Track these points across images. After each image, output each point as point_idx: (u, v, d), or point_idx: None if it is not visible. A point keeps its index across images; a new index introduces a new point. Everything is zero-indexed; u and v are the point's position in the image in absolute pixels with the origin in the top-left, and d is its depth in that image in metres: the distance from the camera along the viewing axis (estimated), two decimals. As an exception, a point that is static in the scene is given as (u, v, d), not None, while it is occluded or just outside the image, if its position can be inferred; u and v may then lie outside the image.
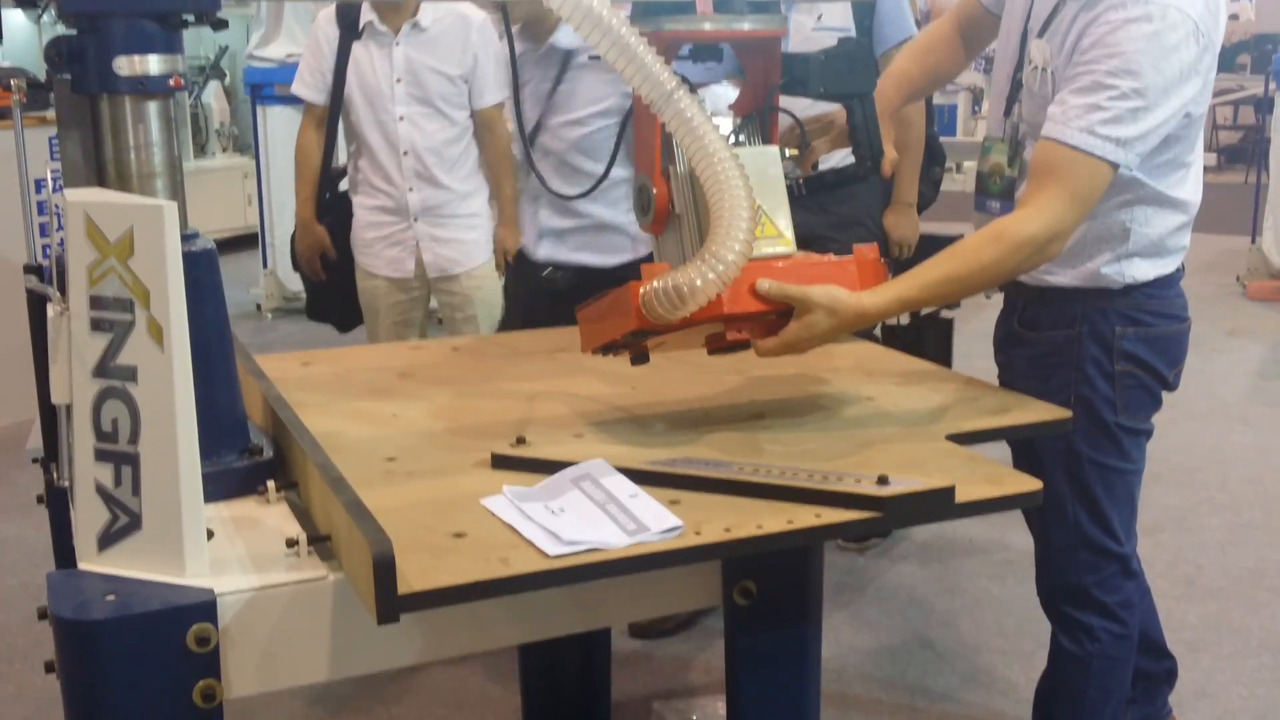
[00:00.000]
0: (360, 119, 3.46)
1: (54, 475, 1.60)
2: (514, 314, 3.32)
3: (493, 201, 3.63)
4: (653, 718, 2.91)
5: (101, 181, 1.63)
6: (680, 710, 2.93)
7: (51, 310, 1.43)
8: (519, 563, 1.35)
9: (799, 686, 1.70)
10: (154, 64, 1.56)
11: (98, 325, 1.39)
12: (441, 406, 1.95)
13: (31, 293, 1.68)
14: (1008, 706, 2.92)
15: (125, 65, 1.55)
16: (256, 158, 6.98)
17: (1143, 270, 2.07)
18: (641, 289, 1.64)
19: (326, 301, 3.79)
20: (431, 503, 1.53)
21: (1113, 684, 2.21)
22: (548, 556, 1.36)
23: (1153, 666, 2.44)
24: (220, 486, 1.59)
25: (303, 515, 1.56)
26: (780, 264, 1.76)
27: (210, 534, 1.47)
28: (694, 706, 2.95)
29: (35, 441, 1.95)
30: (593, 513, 1.47)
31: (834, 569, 3.64)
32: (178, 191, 1.64)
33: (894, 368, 2.17)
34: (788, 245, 1.79)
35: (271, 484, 1.61)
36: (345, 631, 1.42)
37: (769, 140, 1.86)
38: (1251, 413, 5.15)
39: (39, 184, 4.25)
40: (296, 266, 3.74)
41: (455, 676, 3.03)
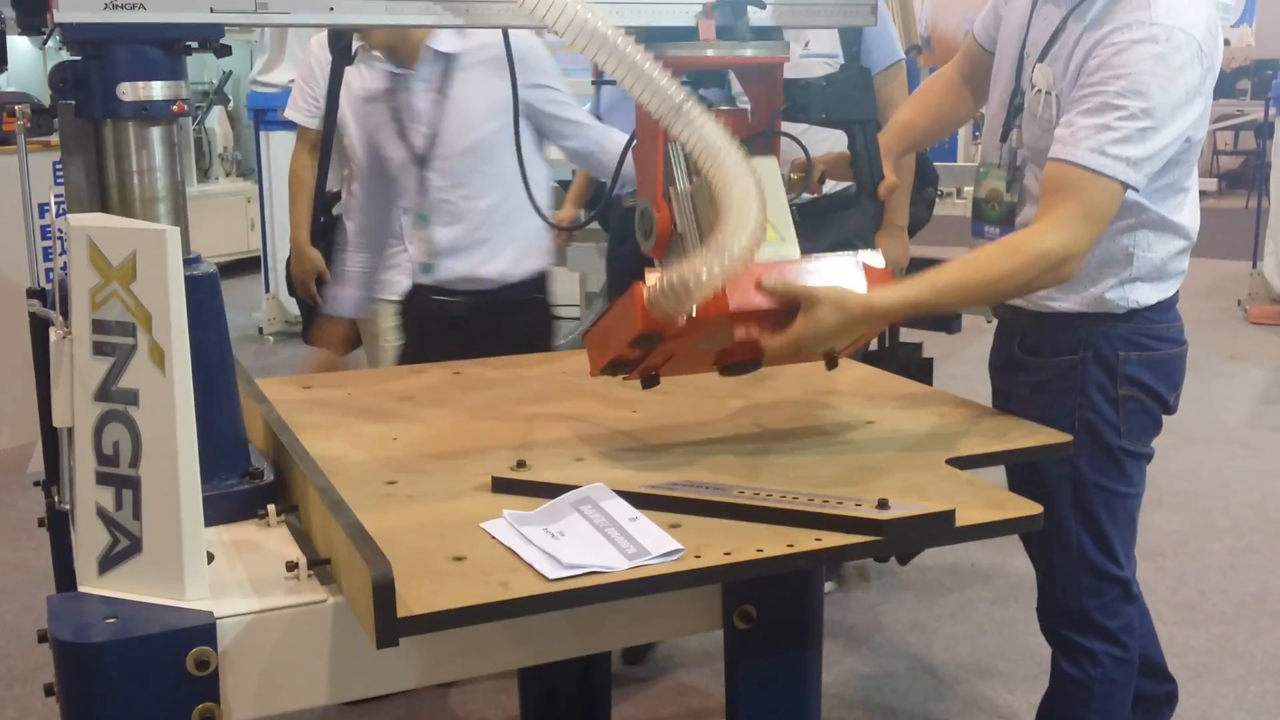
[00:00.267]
0: (353, 143, 3.46)
1: (55, 498, 1.60)
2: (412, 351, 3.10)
3: None
4: (653, 743, 2.91)
5: (105, 206, 1.64)
6: (681, 735, 2.93)
7: (54, 334, 1.44)
8: (519, 586, 1.35)
9: (800, 711, 1.69)
10: (157, 90, 1.58)
11: (100, 349, 1.39)
12: (442, 430, 1.96)
13: (34, 316, 1.68)
14: (1010, 732, 2.92)
15: (129, 91, 1.56)
16: (260, 182, 7.02)
17: (1145, 295, 2.08)
18: (646, 285, 1.62)
19: None
20: (432, 526, 1.53)
21: (1114, 708, 2.20)
22: (547, 580, 1.36)
23: (1153, 690, 2.43)
24: (221, 510, 1.59)
25: (303, 539, 1.56)
26: (787, 265, 1.74)
27: (210, 557, 1.47)
28: (695, 732, 2.95)
29: (37, 465, 1.95)
30: (593, 536, 1.47)
31: (835, 593, 3.63)
32: (180, 216, 1.65)
33: (895, 391, 2.17)
34: (792, 247, 1.78)
35: (272, 507, 1.61)
36: (345, 655, 1.42)
37: None
38: (1253, 437, 5.15)
39: (43, 208, 4.27)
40: (292, 291, 3.74)
41: (455, 700, 3.02)
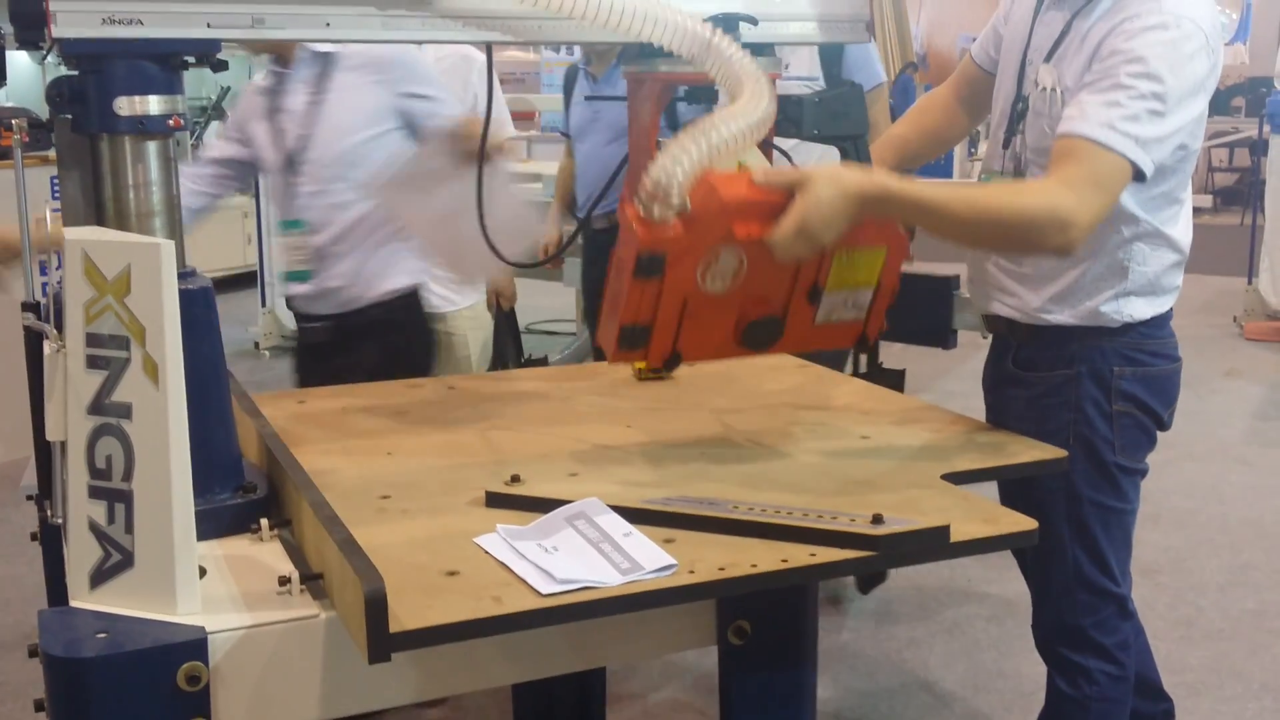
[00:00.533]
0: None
1: (48, 512, 1.60)
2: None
3: None
4: (649, 760, 2.89)
5: (100, 220, 1.64)
6: (676, 752, 2.92)
7: (48, 347, 1.43)
8: (512, 601, 1.35)
9: (794, 728, 1.69)
10: (154, 104, 1.58)
11: (94, 362, 1.39)
12: (436, 444, 1.95)
13: (29, 330, 1.68)
14: (1006, 749, 2.91)
15: (125, 105, 1.56)
16: (256, 197, 7.02)
17: (1140, 309, 2.08)
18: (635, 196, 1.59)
19: None
20: (425, 541, 1.53)
21: (1111, 727, 2.20)
22: (541, 595, 1.36)
23: (1149, 708, 2.42)
24: (213, 524, 1.59)
25: (296, 553, 1.56)
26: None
27: (203, 572, 1.46)
28: (690, 748, 2.94)
29: (30, 478, 1.94)
30: (586, 551, 1.47)
31: (830, 608, 3.62)
32: (176, 230, 1.65)
33: (890, 406, 2.17)
34: None
35: (265, 522, 1.61)
36: (337, 670, 1.41)
37: None
38: (1250, 453, 5.15)
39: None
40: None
41: (449, 715, 3.01)
